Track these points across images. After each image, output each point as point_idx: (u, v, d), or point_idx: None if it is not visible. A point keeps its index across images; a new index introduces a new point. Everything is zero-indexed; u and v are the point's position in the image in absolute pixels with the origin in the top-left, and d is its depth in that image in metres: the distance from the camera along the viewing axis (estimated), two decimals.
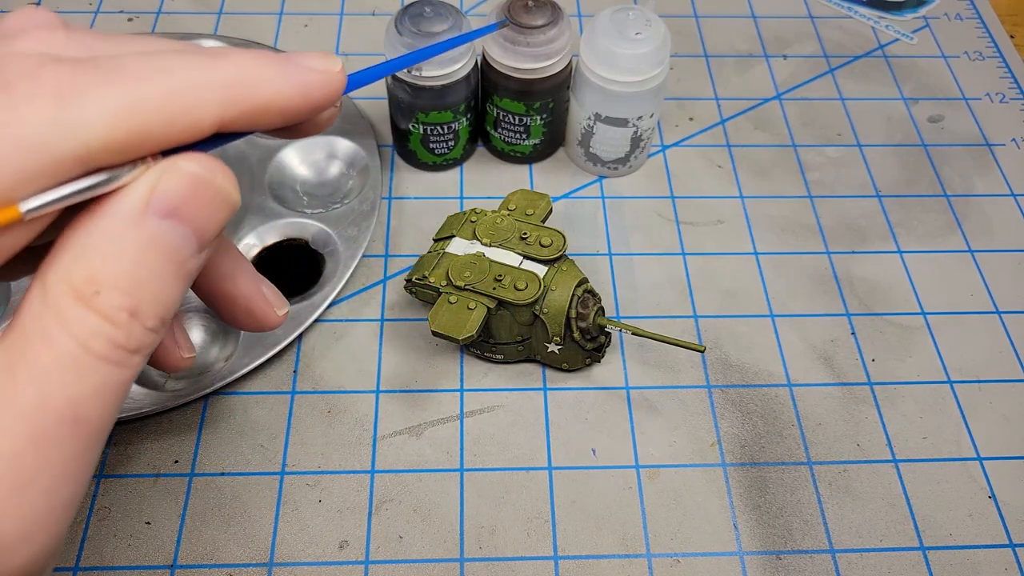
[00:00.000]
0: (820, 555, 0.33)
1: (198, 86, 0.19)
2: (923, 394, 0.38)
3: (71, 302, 0.18)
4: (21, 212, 0.18)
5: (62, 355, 0.18)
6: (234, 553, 0.33)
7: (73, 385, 0.18)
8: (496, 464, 0.35)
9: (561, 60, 0.41)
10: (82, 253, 0.19)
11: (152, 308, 0.19)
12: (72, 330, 0.18)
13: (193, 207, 0.20)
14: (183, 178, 0.20)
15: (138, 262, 0.19)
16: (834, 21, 0.54)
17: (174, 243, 0.20)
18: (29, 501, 0.18)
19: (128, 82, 0.19)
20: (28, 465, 0.18)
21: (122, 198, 0.19)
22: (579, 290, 0.35)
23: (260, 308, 0.26)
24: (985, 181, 0.46)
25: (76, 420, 0.18)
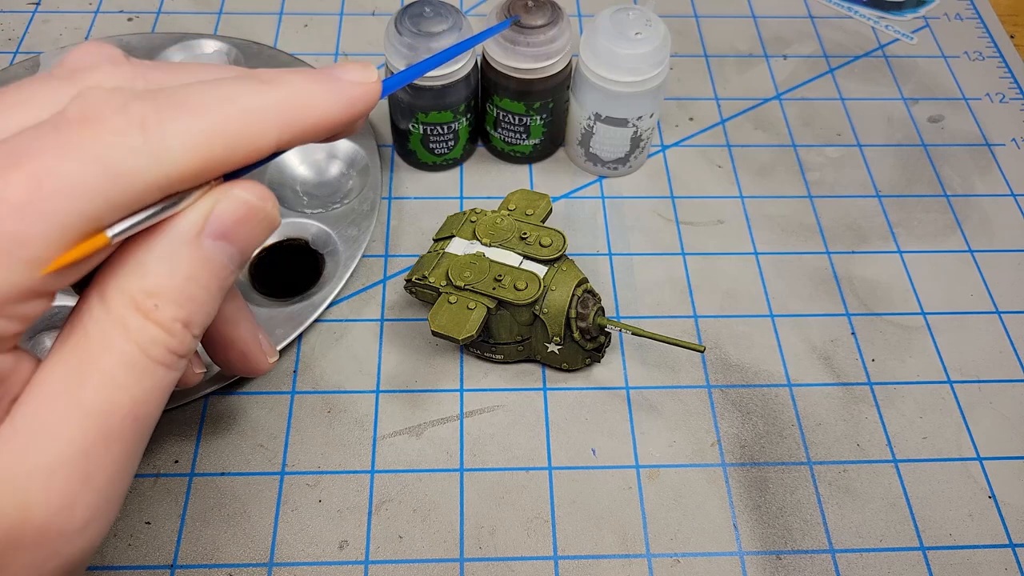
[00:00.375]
0: (820, 555, 0.33)
1: (259, 114, 0.21)
2: (923, 394, 0.38)
3: (132, 313, 0.20)
4: (108, 238, 0.19)
5: (126, 360, 0.20)
6: (234, 553, 0.33)
7: (136, 386, 0.20)
8: (496, 464, 0.35)
9: (561, 60, 0.41)
10: (142, 269, 0.20)
11: (199, 318, 0.22)
12: (134, 338, 0.20)
13: (243, 231, 0.22)
14: (238, 205, 0.22)
15: (191, 278, 0.21)
16: (834, 21, 0.54)
17: (222, 261, 0.22)
18: (95, 491, 0.20)
19: (202, 113, 0.20)
20: (96, 459, 0.20)
21: (180, 220, 0.21)
22: (579, 290, 0.35)
23: (255, 354, 0.29)
24: (985, 181, 0.46)
25: (137, 417, 0.21)
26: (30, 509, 0.19)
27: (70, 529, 0.20)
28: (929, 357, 0.39)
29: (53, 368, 0.20)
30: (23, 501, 0.19)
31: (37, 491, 0.19)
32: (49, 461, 0.19)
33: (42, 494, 0.19)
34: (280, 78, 0.22)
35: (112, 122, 0.19)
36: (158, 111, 0.19)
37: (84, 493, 0.20)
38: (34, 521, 0.19)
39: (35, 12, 0.52)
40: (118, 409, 0.20)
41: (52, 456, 0.19)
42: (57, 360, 0.20)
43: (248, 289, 0.39)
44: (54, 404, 0.20)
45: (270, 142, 0.21)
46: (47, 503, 0.19)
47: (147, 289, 0.20)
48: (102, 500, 0.20)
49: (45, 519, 0.19)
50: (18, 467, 0.19)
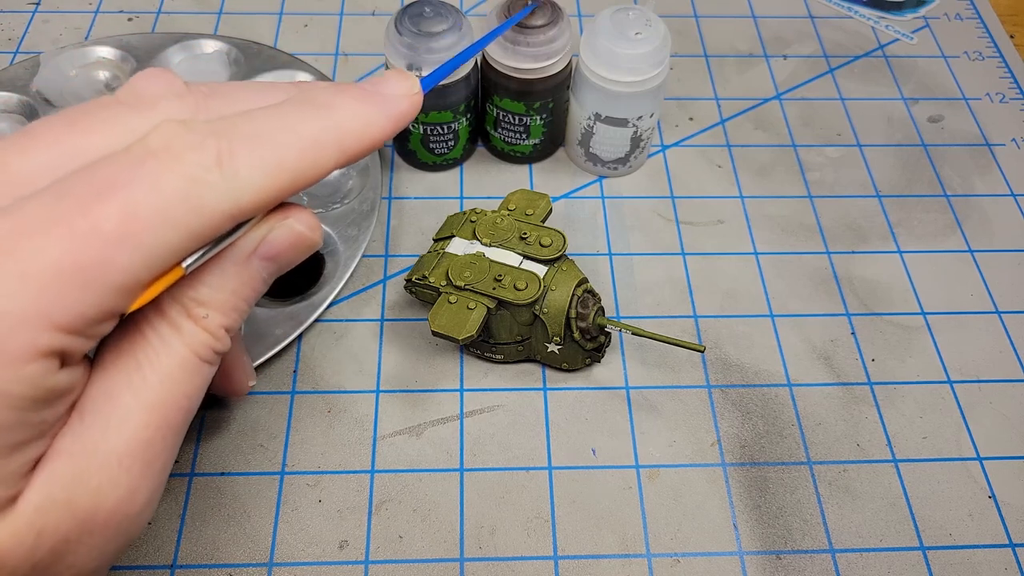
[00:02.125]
0: (820, 555, 0.33)
1: (321, 142, 0.22)
2: (923, 394, 0.38)
3: (185, 320, 0.22)
4: (184, 269, 0.21)
5: (181, 360, 0.22)
6: (234, 553, 0.33)
7: (189, 383, 0.23)
8: (496, 464, 0.35)
9: (561, 60, 0.41)
10: (196, 282, 0.22)
11: (237, 323, 0.24)
12: (187, 341, 0.22)
13: (289, 255, 0.24)
14: (292, 234, 0.23)
15: (236, 292, 0.23)
16: (834, 21, 0.54)
17: (262, 279, 0.24)
18: (153, 476, 0.22)
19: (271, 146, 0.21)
20: (155, 449, 0.22)
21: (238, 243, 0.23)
22: (579, 290, 0.35)
23: (238, 376, 0.30)
24: (985, 181, 0.46)
25: (187, 410, 0.23)
26: (102, 497, 0.21)
27: (133, 512, 0.22)
28: (929, 357, 0.39)
29: (112, 368, 0.22)
30: (96, 490, 0.21)
31: (108, 480, 0.21)
32: (117, 452, 0.21)
33: (111, 483, 0.21)
34: (335, 102, 0.23)
35: (192, 158, 0.20)
36: (231, 145, 0.21)
37: (145, 479, 0.22)
38: (105, 508, 0.21)
39: (35, 12, 0.52)
40: (174, 403, 0.22)
41: (119, 447, 0.21)
42: (117, 360, 0.22)
43: None
44: (119, 400, 0.21)
45: (330, 166, 0.23)
46: (116, 491, 0.21)
47: (199, 299, 0.22)
48: (157, 484, 0.23)
49: (114, 505, 0.21)
50: (90, 460, 0.21)
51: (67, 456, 0.21)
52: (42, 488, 0.20)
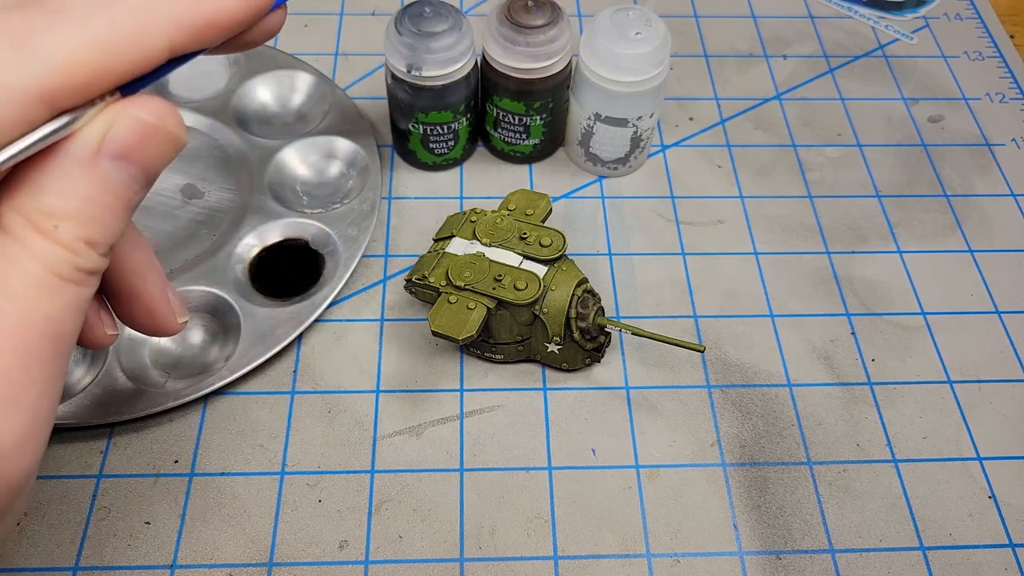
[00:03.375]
0: (820, 555, 0.33)
1: (145, 14, 0.20)
2: (923, 394, 0.38)
3: (32, 234, 0.20)
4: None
5: (34, 278, 0.20)
6: (234, 553, 0.33)
7: (47, 303, 0.20)
8: (496, 464, 0.35)
9: (561, 60, 0.41)
10: (39, 191, 0.20)
11: (103, 237, 0.21)
12: (38, 257, 0.20)
13: (142, 151, 0.21)
14: (134, 124, 0.21)
15: (90, 199, 0.20)
16: (834, 21, 0.54)
17: (123, 182, 0.21)
18: (20, 413, 0.20)
19: (78, 19, 0.19)
20: (17, 380, 0.20)
21: (76, 140, 0.20)
22: (579, 290, 0.35)
23: (162, 311, 0.27)
24: (985, 181, 0.46)
25: (53, 335, 0.20)
26: None
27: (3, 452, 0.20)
28: (929, 357, 0.39)
29: None
30: None
31: None
32: None
33: None
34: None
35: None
36: (28, 20, 0.19)
37: (11, 415, 0.20)
38: None
39: None
40: (32, 329, 0.20)
41: None
42: None
43: (248, 289, 0.39)
44: None
45: (161, 44, 0.20)
46: None
47: (44, 210, 0.20)
48: (31, 420, 0.20)
49: None
50: None
51: None
52: None
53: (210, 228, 0.41)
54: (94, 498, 0.34)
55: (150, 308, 0.27)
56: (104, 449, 0.35)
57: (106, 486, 0.34)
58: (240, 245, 0.40)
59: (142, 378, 0.36)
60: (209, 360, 0.37)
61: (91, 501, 0.34)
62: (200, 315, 0.39)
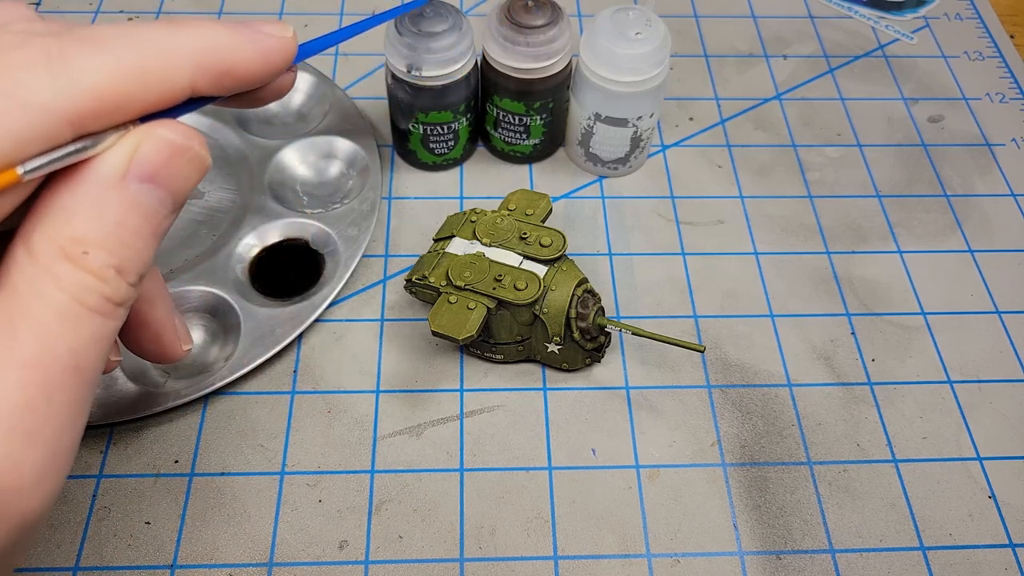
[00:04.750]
0: (820, 555, 0.33)
1: (172, 52, 0.21)
2: (923, 394, 0.38)
3: (61, 261, 0.19)
4: (19, 174, 0.19)
5: (59, 309, 0.19)
6: (234, 553, 0.33)
7: (72, 336, 0.20)
8: (496, 464, 0.35)
9: (561, 60, 0.41)
10: (67, 216, 0.20)
11: (133, 265, 0.21)
12: (65, 286, 0.19)
13: (170, 172, 0.21)
14: (161, 145, 0.21)
15: (120, 223, 0.20)
16: (834, 21, 0.54)
17: (152, 205, 0.21)
18: (40, 448, 0.19)
19: (110, 49, 0.20)
20: (39, 413, 0.19)
21: (103, 163, 0.20)
22: (579, 290, 0.35)
23: (169, 338, 0.27)
24: (985, 181, 0.46)
25: (77, 368, 0.20)
26: None
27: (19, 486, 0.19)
28: (929, 357, 0.39)
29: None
30: None
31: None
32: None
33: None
34: (196, 22, 0.22)
35: (13, 55, 0.19)
36: (63, 46, 0.19)
37: (30, 449, 0.19)
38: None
39: None
40: (56, 361, 0.19)
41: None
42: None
43: (248, 289, 0.39)
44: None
45: (184, 83, 0.21)
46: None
47: (74, 236, 0.20)
48: (50, 455, 0.20)
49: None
50: None
51: None
52: None
53: (210, 228, 0.41)
54: (94, 498, 0.34)
55: (157, 335, 0.27)
56: (104, 449, 0.35)
57: (106, 486, 0.34)
58: (240, 245, 0.40)
59: (142, 378, 0.36)
60: (209, 360, 0.37)
61: (91, 501, 0.34)
62: (200, 315, 0.39)
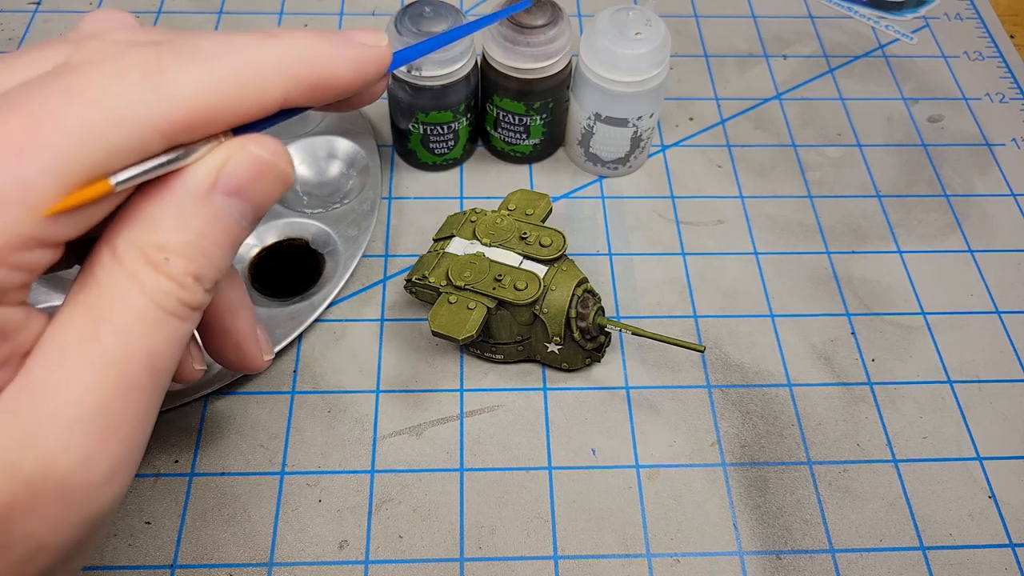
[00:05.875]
0: (820, 555, 0.33)
1: (267, 64, 0.21)
2: (923, 394, 0.38)
3: (144, 266, 0.20)
4: (112, 185, 0.19)
5: (140, 312, 0.20)
6: (234, 553, 0.33)
7: (151, 338, 0.20)
8: (496, 464, 0.35)
9: (561, 60, 0.41)
10: (153, 223, 0.20)
11: (210, 273, 0.21)
12: (147, 290, 0.20)
13: (255, 188, 0.22)
14: (250, 161, 0.21)
15: (202, 234, 0.21)
16: (834, 21, 0.54)
17: (233, 218, 0.21)
18: (114, 445, 0.20)
19: (205, 61, 0.20)
20: (115, 412, 0.20)
21: (191, 174, 0.21)
22: (579, 290, 0.35)
23: (251, 348, 0.28)
24: (985, 181, 0.46)
25: (153, 369, 0.20)
26: (51, 461, 0.19)
27: (93, 481, 0.20)
28: (929, 357, 0.39)
29: (66, 321, 0.20)
30: (44, 453, 0.19)
31: (57, 443, 0.19)
32: (68, 413, 0.19)
33: (62, 446, 0.19)
34: (290, 34, 0.22)
35: (111, 66, 0.19)
36: (160, 57, 0.19)
37: (105, 445, 0.20)
38: (56, 473, 0.19)
39: (35, 12, 0.52)
40: (134, 360, 0.20)
41: (70, 408, 0.19)
42: (70, 313, 0.20)
43: (248, 289, 0.39)
44: (70, 356, 0.19)
45: (277, 94, 0.21)
46: (67, 455, 0.19)
47: (157, 243, 0.20)
48: (124, 452, 0.20)
49: (67, 471, 0.19)
50: (37, 420, 0.19)
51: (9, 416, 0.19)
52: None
53: None
54: None
55: (239, 345, 0.27)
56: None
57: None
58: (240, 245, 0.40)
59: None
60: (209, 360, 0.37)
61: None
62: None
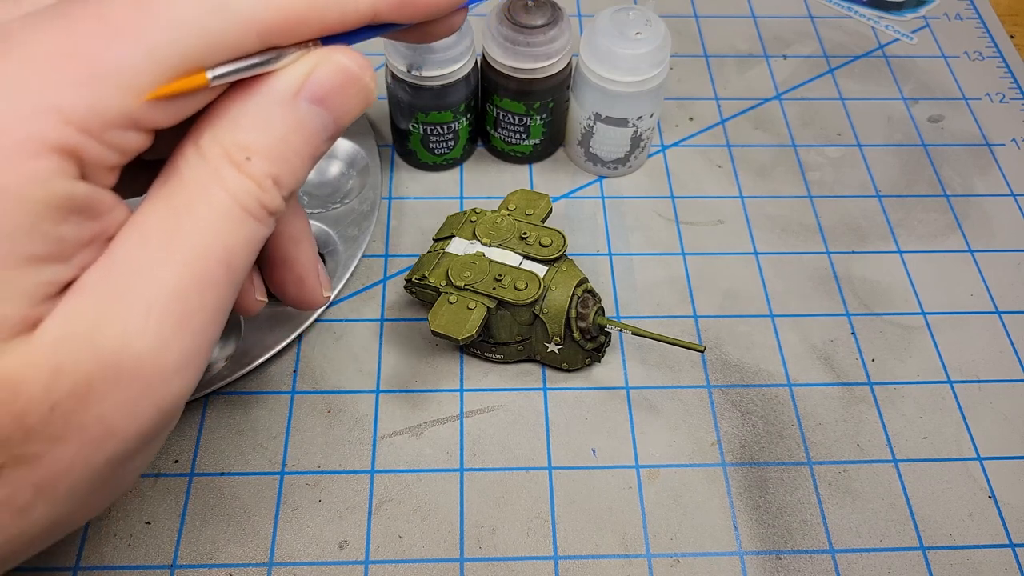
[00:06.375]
0: (820, 555, 0.33)
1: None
2: (923, 394, 0.38)
3: (226, 164, 0.20)
4: (208, 79, 0.20)
5: (221, 208, 0.20)
6: (234, 553, 0.33)
7: (229, 235, 0.21)
8: (496, 464, 0.35)
9: (561, 60, 0.41)
10: (237, 124, 0.21)
11: (289, 179, 0.22)
12: (228, 187, 0.20)
13: (339, 98, 0.22)
14: (337, 70, 0.22)
15: (284, 139, 0.21)
16: (834, 21, 0.54)
17: (315, 127, 0.22)
18: (188, 336, 0.20)
19: None
20: (190, 303, 0.20)
21: (278, 79, 0.21)
22: (579, 290, 0.35)
23: (312, 282, 0.28)
24: (985, 181, 0.46)
25: (229, 266, 0.21)
26: (128, 341, 0.19)
27: (165, 369, 0.20)
28: (929, 357, 0.39)
29: (150, 210, 0.20)
30: (122, 332, 0.19)
31: (135, 326, 0.19)
32: (147, 297, 0.19)
33: (139, 330, 0.19)
34: None
35: None
36: None
37: (178, 334, 0.20)
38: (131, 354, 0.19)
39: None
40: (212, 254, 0.20)
41: (149, 293, 0.20)
42: (154, 203, 0.20)
43: None
44: (152, 243, 0.20)
45: (367, 6, 0.22)
46: (143, 338, 0.19)
47: (241, 143, 0.21)
48: (194, 345, 0.21)
49: (141, 354, 0.19)
50: (118, 299, 0.19)
51: (92, 293, 0.19)
52: (63, 320, 0.19)
53: None
54: None
55: (301, 277, 0.27)
56: None
57: None
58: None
59: None
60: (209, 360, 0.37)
61: None
62: None
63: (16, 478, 0.19)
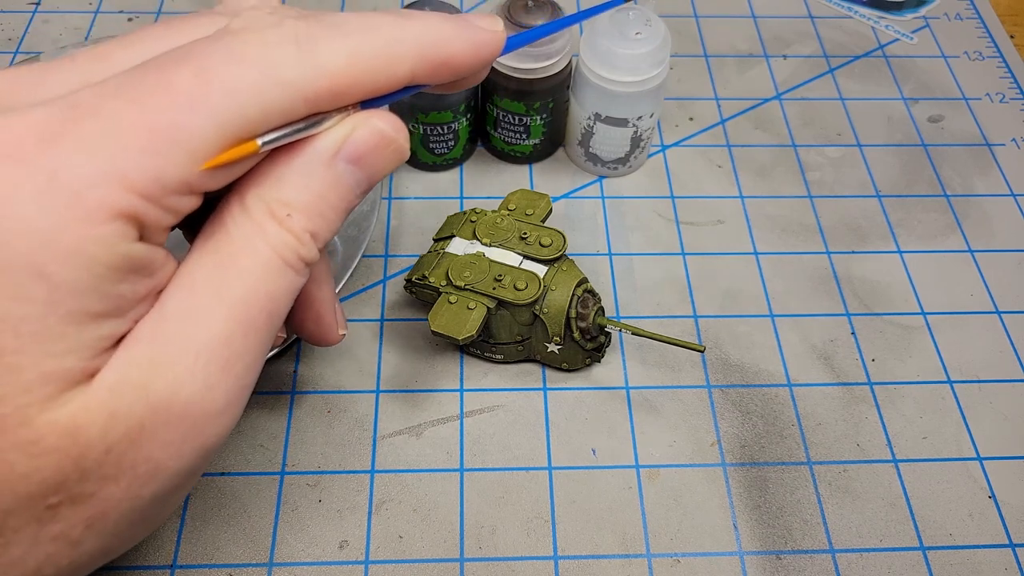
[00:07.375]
0: (820, 555, 0.33)
1: (400, 42, 0.23)
2: (923, 394, 0.38)
3: (269, 219, 0.22)
4: (259, 145, 0.21)
5: (264, 259, 0.22)
6: (234, 553, 0.33)
7: (270, 284, 0.22)
8: (496, 464, 0.35)
9: (561, 60, 0.41)
10: (280, 182, 0.22)
11: (324, 233, 0.23)
12: (271, 241, 0.22)
13: (374, 158, 0.24)
14: (374, 133, 0.23)
15: (322, 196, 0.23)
16: (834, 21, 0.54)
17: (350, 184, 0.24)
18: (232, 379, 0.22)
19: (349, 35, 0.22)
20: (235, 348, 0.22)
21: (320, 141, 0.23)
22: (579, 290, 0.35)
23: (328, 320, 0.29)
24: (985, 181, 0.46)
25: (270, 313, 0.23)
26: (178, 387, 0.21)
27: (211, 411, 0.21)
28: (929, 357, 0.39)
29: (197, 263, 0.22)
30: (172, 378, 0.21)
31: (184, 371, 0.21)
32: (196, 345, 0.21)
33: (188, 375, 0.21)
34: (418, 15, 0.24)
35: (270, 33, 0.21)
36: (310, 29, 0.21)
37: (224, 377, 0.21)
38: (181, 398, 0.21)
39: (35, 12, 0.52)
40: (256, 302, 0.22)
41: (198, 340, 0.21)
42: (201, 255, 0.22)
43: None
44: (200, 294, 0.21)
45: (405, 70, 0.23)
46: (192, 383, 0.21)
47: (283, 200, 0.22)
48: (237, 387, 0.22)
49: (190, 398, 0.21)
50: (168, 349, 0.21)
51: (146, 342, 0.21)
52: (119, 369, 0.20)
53: None
54: None
55: (320, 315, 0.29)
56: None
57: None
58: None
59: None
60: None
61: None
62: None
63: (71, 515, 0.20)
